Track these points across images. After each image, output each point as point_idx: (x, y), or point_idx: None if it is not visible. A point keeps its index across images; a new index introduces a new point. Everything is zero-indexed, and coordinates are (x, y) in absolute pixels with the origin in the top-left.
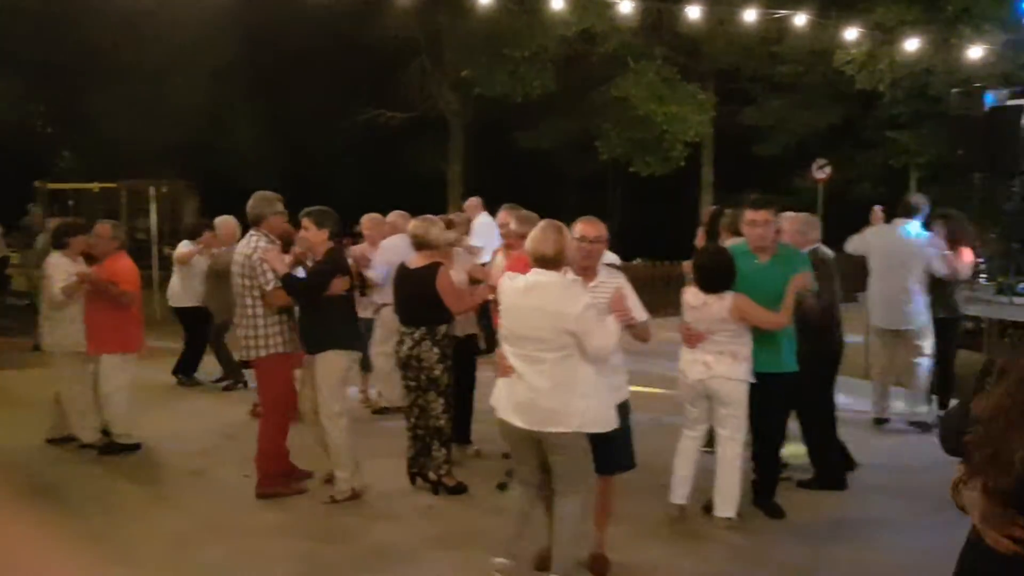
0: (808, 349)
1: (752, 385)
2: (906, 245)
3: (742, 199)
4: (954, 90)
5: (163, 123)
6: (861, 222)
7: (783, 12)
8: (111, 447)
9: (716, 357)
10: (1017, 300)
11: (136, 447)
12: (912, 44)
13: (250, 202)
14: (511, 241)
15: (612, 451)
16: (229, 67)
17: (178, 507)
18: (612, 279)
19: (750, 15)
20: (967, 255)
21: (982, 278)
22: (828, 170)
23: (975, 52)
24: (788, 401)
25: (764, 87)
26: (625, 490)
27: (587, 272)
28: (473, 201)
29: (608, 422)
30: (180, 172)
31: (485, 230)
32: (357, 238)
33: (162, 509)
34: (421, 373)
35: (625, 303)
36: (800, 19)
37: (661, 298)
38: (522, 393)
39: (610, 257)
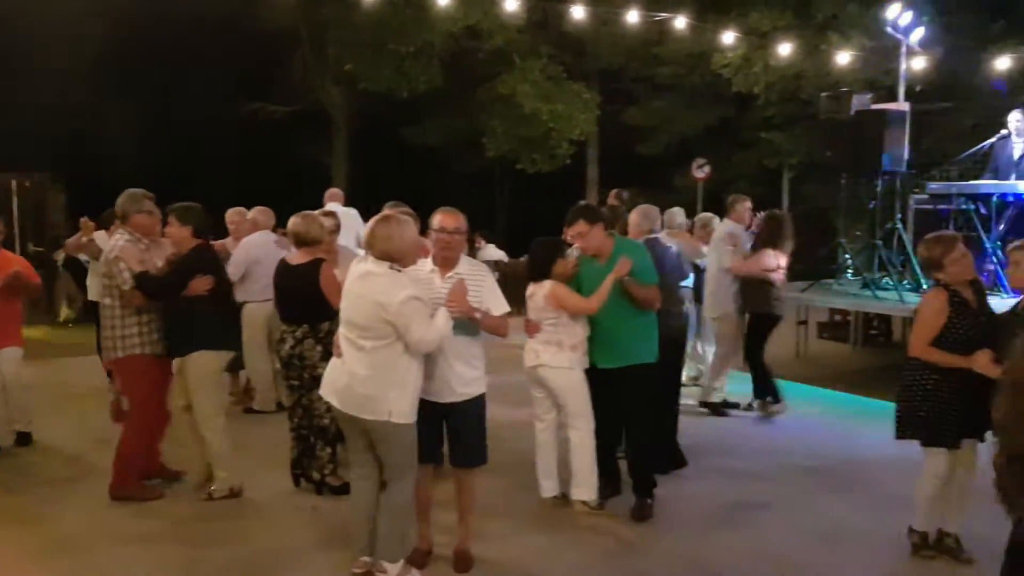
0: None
1: (617, 380)
2: (714, 240)
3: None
4: (823, 94)
5: (29, 114)
6: None
7: (663, 15)
8: (27, 438)
9: (544, 346)
10: (880, 294)
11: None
12: (785, 49)
13: (118, 199)
14: None
15: (464, 445)
16: (102, 57)
17: (50, 516)
18: (473, 272)
19: (632, 16)
20: (767, 256)
21: (848, 273)
22: (707, 169)
23: (843, 58)
24: (651, 393)
25: (647, 88)
26: (513, 483)
27: (446, 263)
28: (334, 192)
29: (410, 415)
30: (46, 166)
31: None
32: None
33: (32, 518)
34: (304, 372)
35: (463, 296)
36: (680, 22)
37: None
38: (343, 377)
39: (496, 253)
